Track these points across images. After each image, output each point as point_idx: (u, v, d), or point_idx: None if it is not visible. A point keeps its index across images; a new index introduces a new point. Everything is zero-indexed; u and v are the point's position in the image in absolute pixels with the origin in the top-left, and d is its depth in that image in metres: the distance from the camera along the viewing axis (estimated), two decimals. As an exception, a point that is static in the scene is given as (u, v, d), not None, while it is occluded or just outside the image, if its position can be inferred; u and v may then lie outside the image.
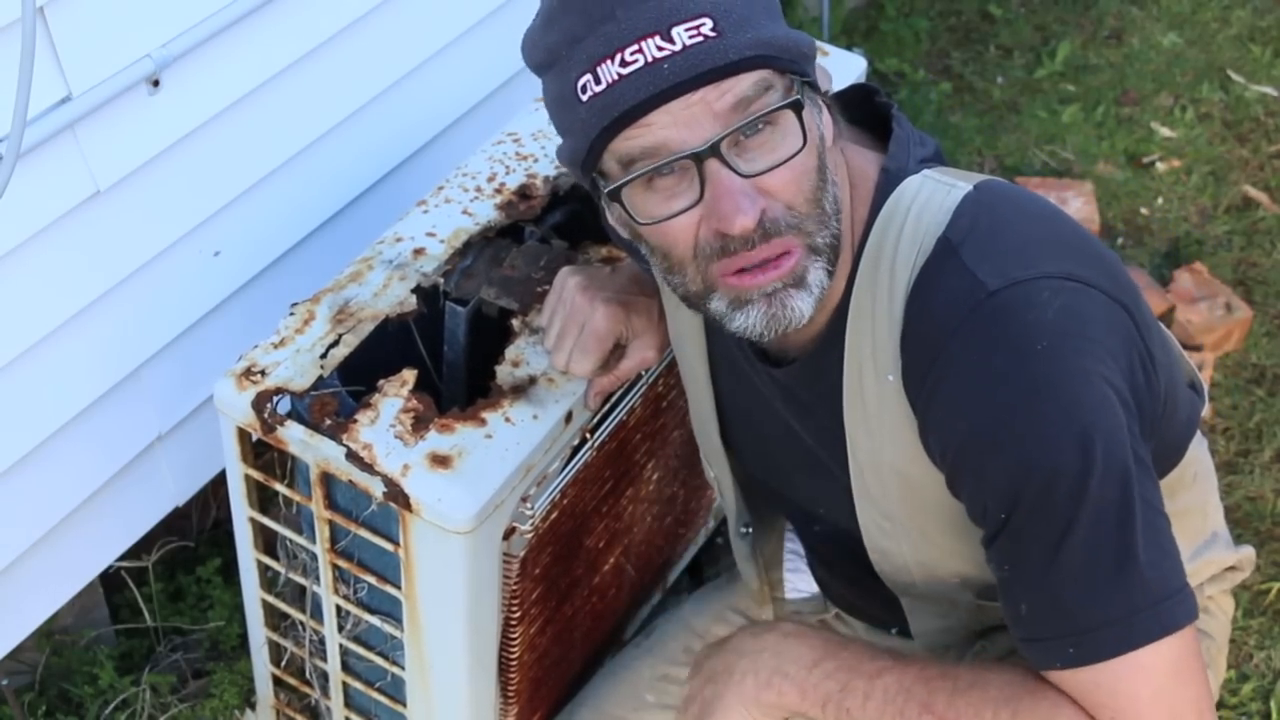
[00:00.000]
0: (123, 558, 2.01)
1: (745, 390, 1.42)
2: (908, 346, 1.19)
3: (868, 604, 1.59)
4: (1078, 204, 2.94)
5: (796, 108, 1.13)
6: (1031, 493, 1.13)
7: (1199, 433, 1.43)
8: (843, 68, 1.94)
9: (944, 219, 1.18)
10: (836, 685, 1.27)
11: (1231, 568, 1.53)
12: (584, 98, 1.13)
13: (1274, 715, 2.18)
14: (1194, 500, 1.45)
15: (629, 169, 1.14)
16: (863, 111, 1.33)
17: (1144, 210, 3.03)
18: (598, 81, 1.12)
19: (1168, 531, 1.17)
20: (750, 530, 1.64)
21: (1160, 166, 3.13)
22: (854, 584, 1.56)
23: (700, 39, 1.10)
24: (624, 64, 1.10)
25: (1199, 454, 1.45)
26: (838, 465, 1.32)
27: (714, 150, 1.12)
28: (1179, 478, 1.40)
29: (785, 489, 1.50)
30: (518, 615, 1.57)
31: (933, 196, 1.20)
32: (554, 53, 1.16)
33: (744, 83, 1.11)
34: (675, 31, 1.10)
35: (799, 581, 1.72)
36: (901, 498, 1.28)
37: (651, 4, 1.10)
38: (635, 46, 1.10)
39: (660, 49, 1.09)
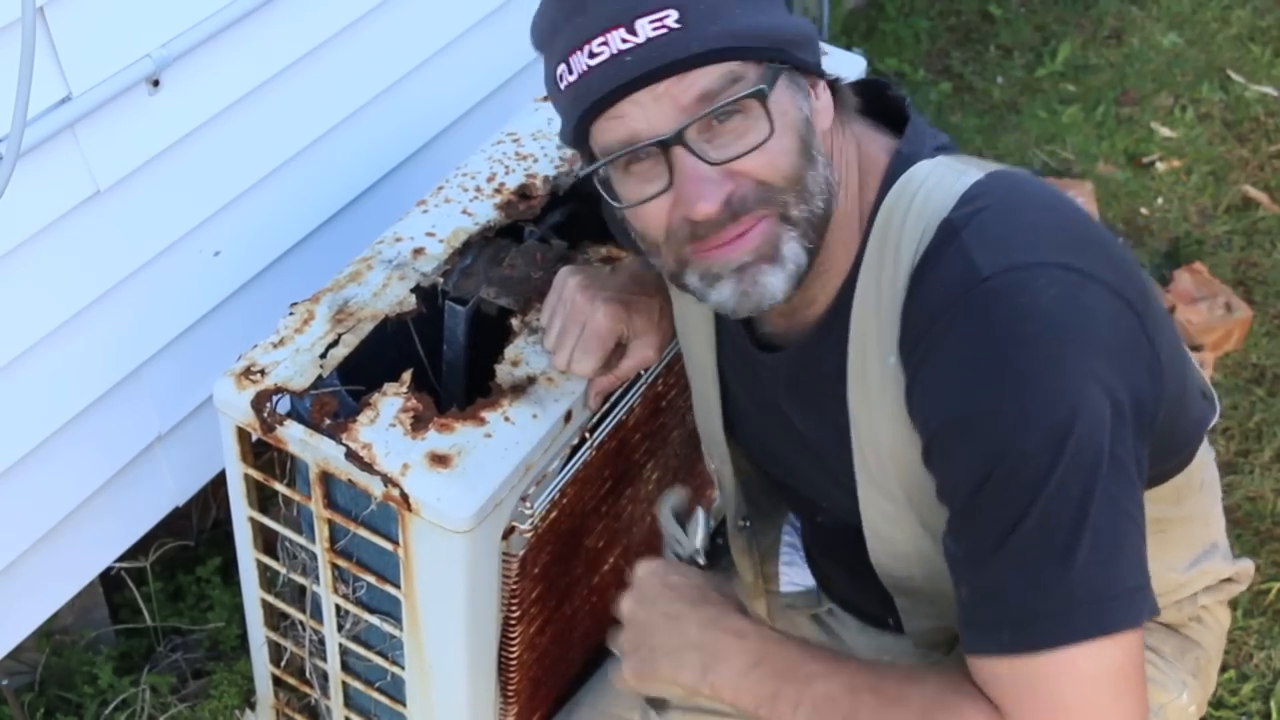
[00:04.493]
0: (122, 558, 2.01)
1: (750, 382, 1.43)
2: (905, 327, 1.19)
3: (865, 599, 1.58)
4: (1077, 204, 2.94)
5: (760, 97, 1.14)
6: (997, 477, 1.12)
7: (1206, 442, 1.42)
8: (843, 68, 1.94)
9: (950, 202, 1.18)
10: (769, 691, 1.26)
11: (1229, 579, 1.51)
12: (562, 86, 1.19)
13: (1274, 715, 2.18)
14: (1198, 508, 1.44)
15: (605, 156, 1.19)
16: (876, 106, 1.33)
17: (1144, 210, 3.03)
18: (570, 71, 1.17)
19: (1132, 534, 1.15)
20: (748, 523, 1.65)
21: (1160, 166, 3.13)
22: (853, 577, 1.55)
23: (663, 31, 1.12)
24: (592, 55, 1.14)
25: (1207, 461, 1.43)
26: (839, 454, 1.32)
27: (679, 138, 1.15)
28: (1186, 482, 1.38)
29: (789, 480, 1.51)
30: (517, 615, 1.57)
31: (942, 180, 1.21)
32: (542, 40, 1.21)
33: (708, 75, 1.14)
34: (639, 23, 1.12)
35: (794, 575, 1.72)
36: (901, 481, 1.28)
37: None
38: (601, 38, 1.13)
39: (624, 41, 1.13)
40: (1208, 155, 3.15)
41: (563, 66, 1.17)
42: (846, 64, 1.95)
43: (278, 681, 1.85)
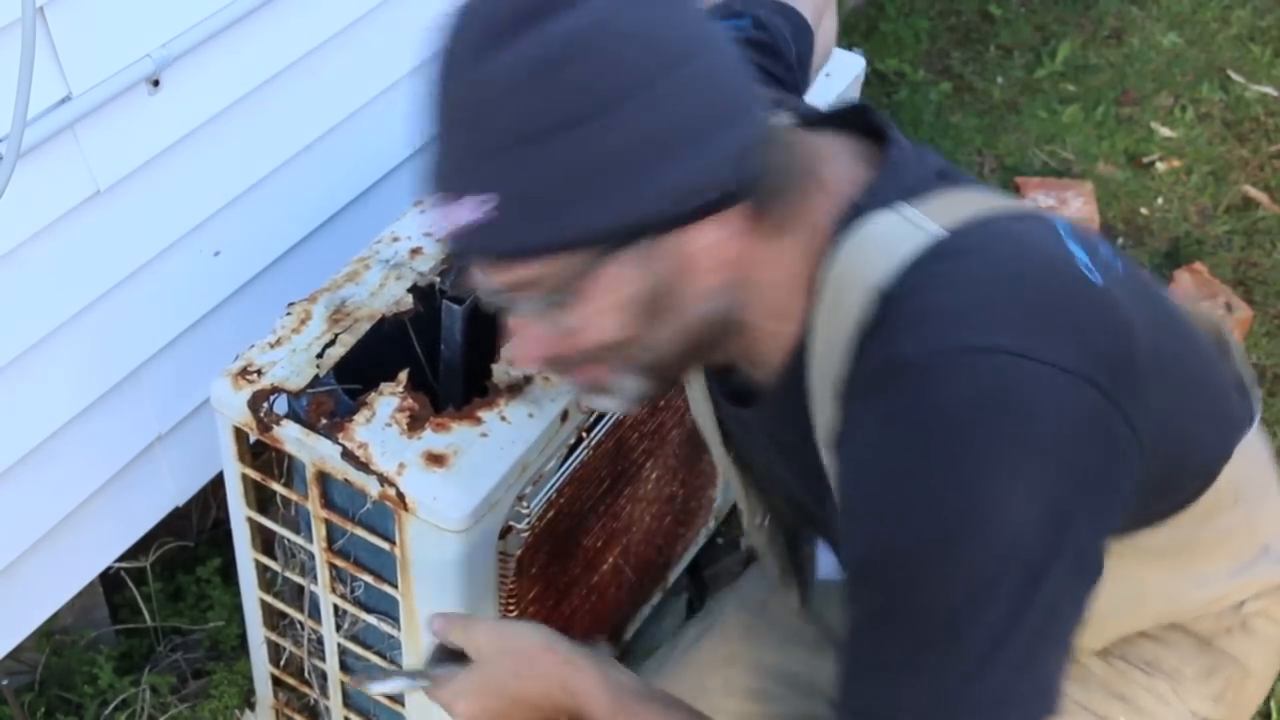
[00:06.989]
0: (122, 558, 2.01)
1: (737, 418, 1.39)
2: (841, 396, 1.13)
3: None
4: (1078, 204, 2.94)
5: (554, 306, 1.06)
6: (864, 568, 1.07)
7: (1261, 440, 1.30)
8: (843, 68, 1.95)
9: (893, 269, 1.07)
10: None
11: None
12: None
13: (1274, 715, 2.18)
14: (1238, 520, 1.31)
15: None
16: (861, 127, 1.22)
17: (1144, 210, 3.03)
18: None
19: (1055, 651, 1.05)
20: (767, 521, 1.60)
21: (1160, 166, 3.13)
22: None
23: (466, 222, 1.03)
24: (428, 203, 1.08)
25: (1249, 471, 1.30)
26: (827, 503, 1.27)
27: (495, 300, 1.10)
28: (1215, 503, 1.27)
29: (787, 503, 1.47)
30: (514, 615, 1.57)
31: (895, 240, 1.09)
32: None
33: (519, 269, 1.05)
34: (459, 202, 1.03)
35: (828, 560, 1.63)
36: None
37: (450, 156, 1.04)
38: (432, 193, 1.07)
39: (445, 210, 1.05)
40: (1208, 155, 3.15)
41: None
42: (847, 64, 1.95)
43: (277, 681, 1.85)
